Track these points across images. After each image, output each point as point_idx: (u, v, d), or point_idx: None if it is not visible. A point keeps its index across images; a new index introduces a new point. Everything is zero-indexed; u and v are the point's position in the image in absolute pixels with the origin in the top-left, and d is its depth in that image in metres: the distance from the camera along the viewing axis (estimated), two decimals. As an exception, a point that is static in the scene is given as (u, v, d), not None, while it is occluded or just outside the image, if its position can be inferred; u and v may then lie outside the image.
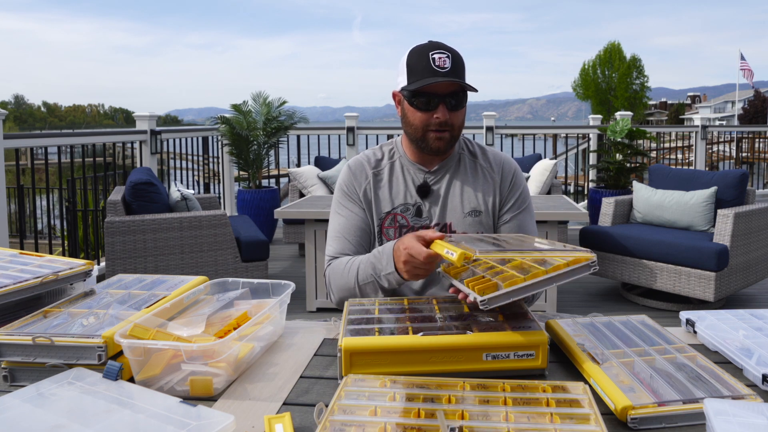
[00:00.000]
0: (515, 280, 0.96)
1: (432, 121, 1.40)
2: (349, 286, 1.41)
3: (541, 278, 0.96)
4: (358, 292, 1.40)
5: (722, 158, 12.30)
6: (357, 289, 1.39)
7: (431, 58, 1.37)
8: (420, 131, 1.43)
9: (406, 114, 1.44)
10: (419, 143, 1.46)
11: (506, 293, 0.95)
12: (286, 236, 5.03)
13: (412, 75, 1.39)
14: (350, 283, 1.40)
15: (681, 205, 3.92)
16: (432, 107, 1.39)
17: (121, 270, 3.32)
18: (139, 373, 0.94)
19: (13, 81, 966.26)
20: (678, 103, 69.46)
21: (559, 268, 0.96)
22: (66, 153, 5.48)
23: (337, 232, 1.52)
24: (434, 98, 1.38)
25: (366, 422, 0.78)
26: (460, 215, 1.48)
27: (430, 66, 1.36)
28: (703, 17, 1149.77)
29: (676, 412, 0.83)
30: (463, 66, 1.41)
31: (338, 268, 1.45)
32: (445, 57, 1.38)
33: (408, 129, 1.46)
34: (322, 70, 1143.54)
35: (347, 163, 1.57)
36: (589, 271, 0.97)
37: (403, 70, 1.41)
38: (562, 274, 0.96)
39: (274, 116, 5.88)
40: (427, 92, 1.38)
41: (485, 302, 0.94)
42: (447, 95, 1.38)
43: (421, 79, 1.37)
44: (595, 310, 3.64)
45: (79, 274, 1.24)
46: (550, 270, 0.96)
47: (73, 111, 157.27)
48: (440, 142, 1.42)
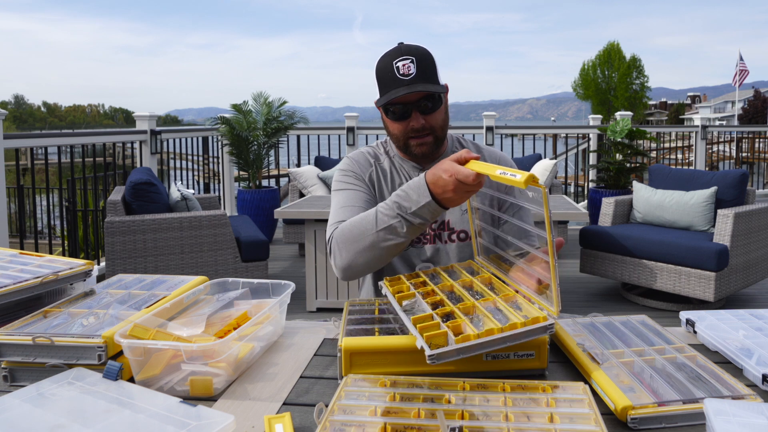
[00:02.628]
0: (467, 336, 0.92)
1: (409, 129, 1.40)
2: (364, 237, 1.27)
3: (494, 337, 0.92)
4: (375, 242, 1.26)
5: (722, 158, 12.29)
6: (375, 238, 1.26)
7: (395, 67, 1.35)
8: (401, 140, 1.43)
9: (386, 124, 1.45)
10: (405, 150, 1.47)
11: (456, 349, 0.90)
12: (286, 236, 5.03)
13: (382, 87, 1.39)
14: (367, 232, 1.27)
15: (681, 205, 3.92)
16: (406, 116, 1.39)
17: (121, 270, 3.32)
18: (139, 373, 0.94)
19: (14, 81, 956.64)
20: (678, 103, 69.47)
21: (515, 327, 0.92)
22: (66, 153, 5.49)
23: (343, 203, 1.43)
24: (406, 107, 1.37)
25: (366, 422, 0.78)
26: (458, 212, 1.48)
27: (395, 76, 1.35)
28: (703, 17, 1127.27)
29: (676, 412, 0.83)
30: (430, 66, 1.37)
31: (348, 224, 1.32)
32: (409, 63, 1.34)
33: (391, 138, 1.48)
34: (322, 70, 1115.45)
35: (347, 156, 1.57)
36: (545, 333, 0.93)
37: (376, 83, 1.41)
38: (517, 334, 0.92)
39: (275, 116, 5.88)
40: (397, 102, 1.37)
41: (434, 357, 0.89)
42: (418, 101, 1.37)
43: (388, 91, 1.36)
44: (595, 310, 3.63)
45: (79, 274, 1.24)
46: (505, 328, 0.92)
47: (73, 111, 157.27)
48: (423, 147, 1.43)
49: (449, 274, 1.24)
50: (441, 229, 1.48)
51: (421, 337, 0.92)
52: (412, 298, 1.13)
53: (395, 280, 1.23)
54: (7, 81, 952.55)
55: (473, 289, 1.14)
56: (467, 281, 1.17)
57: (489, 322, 0.96)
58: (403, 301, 1.12)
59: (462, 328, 0.96)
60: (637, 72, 40.94)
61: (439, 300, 1.09)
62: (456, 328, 0.96)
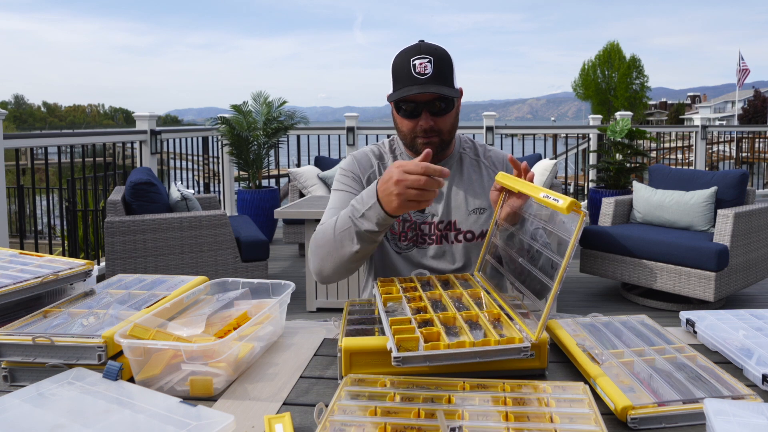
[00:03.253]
0: (437, 345, 0.91)
1: (418, 128, 1.39)
2: (327, 243, 1.28)
3: (464, 350, 0.91)
4: (335, 248, 1.26)
5: (722, 158, 12.29)
6: (334, 244, 1.26)
7: (412, 64, 1.34)
8: (408, 137, 1.43)
9: (395, 120, 1.44)
10: (411, 148, 1.46)
11: (424, 356, 0.90)
12: (286, 236, 5.03)
13: (396, 82, 1.38)
14: (328, 237, 1.27)
15: (681, 205, 3.92)
16: (416, 114, 1.38)
17: (121, 270, 3.32)
18: (139, 373, 0.94)
19: (14, 81, 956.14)
20: (678, 103, 69.46)
21: (487, 344, 0.92)
22: (66, 153, 5.48)
23: (332, 205, 1.46)
24: (418, 106, 1.36)
25: (366, 422, 0.78)
26: (465, 213, 1.47)
27: (410, 73, 1.34)
28: (704, 17, 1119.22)
29: (676, 412, 0.83)
30: (447, 68, 1.36)
31: (320, 229, 1.34)
32: (426, 62, 1.33)
33: (399, 134, 1.47)
34: (322, 70, 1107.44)
35: (351, 153, 1.57)
36: (519, 355, 0.92)
37: (390, 76, 1.41)
38: (489, 351, 0.91)
39: (275, 116, 5.88)
40: (409, 100, 1.36)
41: (399, 360, 0.89)
42: (430, 101, 1.35)
43: (402, 88, 1.35)
44: (595, 310, 3.62)
45: (79, 274, 1.24)
46: (477, 343, 0.91)
47: (73, 111, 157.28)
48: (429, 147, 1.40)
49: (443, 283, 1.24)
50: (447, 230, 1.47)
51: (393, 339, 0.92)
52: (398, 301, 1.14)
53: (387, 282, 1.24)
54: (7, 81, 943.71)
55: (461, 302, 1.13)
56: (457, 293, 1.17)
57: (464, 335, 0.96)
58: (388, 303, 1.13)
59: (435, 336, 0.96)
60: (637, 72, 40.93)
61: (423, 306, 1.10)
62: (430, 336, 0.96)
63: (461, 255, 1.47)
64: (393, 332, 0.95)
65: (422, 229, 1.47)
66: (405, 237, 1.47)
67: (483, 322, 1.02)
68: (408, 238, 1.47)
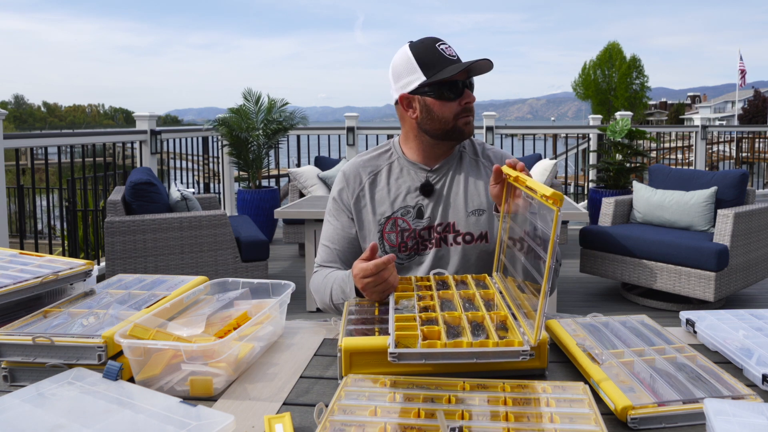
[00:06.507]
0: (434, 343, 0.92)
1: (461, 108, 1.42)
2: (326, 302, 1.44)
3: (461, 350, 0.91)
4: (335, 309, 1.42)
5: (722, 158, 12.29)
6: (333, 307, 1.42)
7: (440, 49, 1.40)
8: (450, 122, 1.43)
9: (432, 109, 1.41)
10: (449, 135, 1.45)
11: (420, 353, 0.91)
12: (286, 236, 5.03)
13: (431, 69, 1.39)
14: (326, 299, 1.44)
15: (681, 205, 3.92)
16: (459, 94, 1.41)
17: (121, 270, 3.32)
18: (139, 373, 0.94)
19: (14, 81, 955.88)
20: (678, 103, 69.46)
21: (485, 345, 0.92)
22: (66, 153, 5.48)
23: (324, 239, 1.55)
24: (459, 85, 1.41)
25: (366, 422, 0.78)
26: (463, 214, 1.46)
27: (444, 57, 1.39)
28: (704, 17, 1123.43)
29: (676, 412, 0.83)
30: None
31: (317, 281, 1.48)
32: (449, 46, 1.42)
33: (434, 125, 1.43)
34: (323, 70, 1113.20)
35: (342, 170, 1.56)
36: (517, 358, 0.92)
37: (414, 69, 1.40)
38: (486, 352, 0.91)
39: (275, 117, 5.88)
40: (452, 81, 1.39)
41: (395, 356, 0.90)
42: (466, 80, 1.42)
43: (444, 69, 1.38)
44: (595, 310, 3.61)
45: (79, 274, 1.24)
46: (475, 344, 0.92)
47: (73, 111, 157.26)
48: (470, 126, 1.46)
49: (457, 284, 1.25)
50: (446, 232, 1.47)
51: (393, 335, 0.94)
52: (410, 299, 1.15)
53: (405, 281, 1.27)
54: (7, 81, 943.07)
55: (472, 303, 1.14)
56: (470, 293, 1.18)
57: (464, 335, 0.97)
58: (400, 300, 1.15)
59: (435, 335, 0.96)
60: (637, 72, 40.92)
61: (431, 305, 1.11)
62: (431, 334, 0.96)
63: (459, 257, 1.46)
64: (395, 329, 0.96)
65: (422, 235, 1.47)
66: (405, 247, 1.47)
67: (487, 323, 1.02)
68: (408, 248, 1.47)
